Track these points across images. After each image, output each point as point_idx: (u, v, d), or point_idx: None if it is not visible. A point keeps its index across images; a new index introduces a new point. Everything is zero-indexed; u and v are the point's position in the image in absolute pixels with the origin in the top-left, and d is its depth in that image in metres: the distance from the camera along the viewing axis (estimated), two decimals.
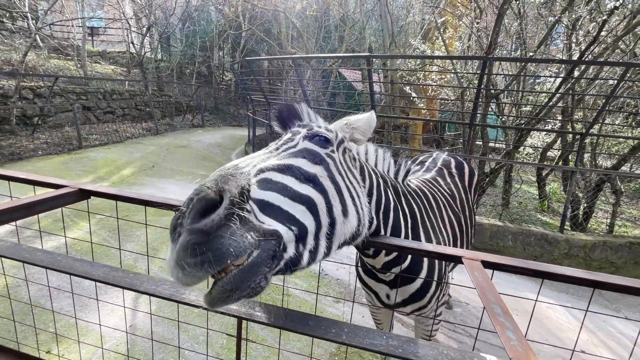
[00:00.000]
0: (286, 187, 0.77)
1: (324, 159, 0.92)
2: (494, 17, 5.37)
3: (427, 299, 1.59)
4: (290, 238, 0.73)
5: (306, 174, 0.84)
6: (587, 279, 1.14)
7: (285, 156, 0.87)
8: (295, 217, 0.75)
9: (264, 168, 0.79)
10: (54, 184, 1.54)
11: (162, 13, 16.38)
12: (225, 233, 0.62)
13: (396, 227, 1.35)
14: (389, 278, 1.50)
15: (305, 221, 0.77)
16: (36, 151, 7.45)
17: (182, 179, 7.05)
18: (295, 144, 0.94)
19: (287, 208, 0.74)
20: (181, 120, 14.50)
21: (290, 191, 0.77)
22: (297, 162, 0.85)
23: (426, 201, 1.75)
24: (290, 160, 0.85)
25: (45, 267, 0.89)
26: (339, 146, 1.05)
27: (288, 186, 0.77)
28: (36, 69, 11.07)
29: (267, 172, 0.78)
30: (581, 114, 6.57)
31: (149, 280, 0.87)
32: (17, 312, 2.57)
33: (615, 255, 4.58)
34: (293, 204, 0.76)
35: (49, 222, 4.18)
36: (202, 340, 2.57)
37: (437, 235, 1.68)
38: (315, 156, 0.91)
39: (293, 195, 0.77)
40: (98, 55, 15.82)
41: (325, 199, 0.84)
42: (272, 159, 0.84)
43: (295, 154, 0.89)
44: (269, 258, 0.67)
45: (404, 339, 0.74)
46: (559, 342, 3.11)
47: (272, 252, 0.68)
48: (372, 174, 1.26)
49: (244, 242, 0.63)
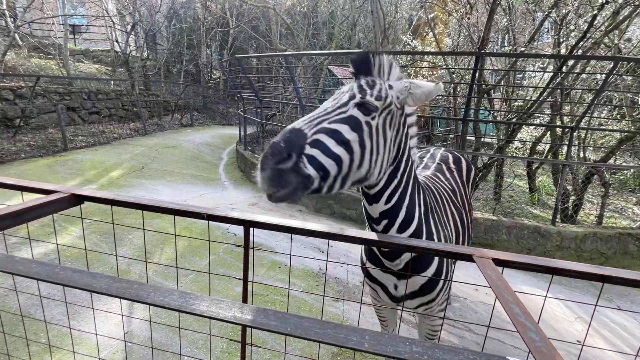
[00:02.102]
0: (327, 148, 1.12)
1: (362, 127, 1.19)
2: (483, 13, 5.40)
3: (437, 292, 1.57)
4: (317, 177, 1.11)
5: (344, 139, 1.15)
6: (596, 273, 1.14)
7: (335, 120, 1.17)
8: (325, 167, 1.12)
9: (318, 129, 1.14)
10: (44, 190, 1.46)
11: (147, 10, 15.99)
12: (289, 172, 1.05)
13: (411, 206, 1.40)
14: (397, 267, 1.47)
15: (330, 169, 1.13)
16: (19, 154, 7.19)
17: (172, 179, 6.91)
18: (346, 109, 1.21)
19: (322, 161, 1.11)
20: (170, 120, 14.23)
21: (328, 150, 1.12)
22: (341, 127, 1.16)
23: (432, 195, 1.74)
24: (336, 125, 1.16)
25: (43, 280, 0.83)
26: (383, 111, 1.25)
27: (328, 147, 1.12)
28: (16, 68, 10.68)
29: (318, 135, 1.12)
30: (568, 108, 6.69)
31: (155, 290, 0.82)
32: (5, 322, 2.46)
33: (605, 246, 4.69)
34: (327, 159, 1.12)
35: (36, 227, 4.04)
36: (202, 345, 2.51)
37: (443, 229, 1.67)
38: (356, 125, 1.18)
39: (329, 153, 1.12)
40: (81, 53, 15.35)
41: (350, 157, 1.17)
42: (326, 121, 1.16)
43: (343, 120, 1.18)
44: (302, 187, 1.09)
45: (427, 345, 0.72)
46: (556, 333, 3.17)
47: (304, 184, 1.09)
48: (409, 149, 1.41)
49: (293, 179, 1.06)
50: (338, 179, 1.17)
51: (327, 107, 1.21)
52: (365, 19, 15.52)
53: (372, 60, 1.27)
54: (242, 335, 1.53)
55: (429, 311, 1.69)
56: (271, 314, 0.78)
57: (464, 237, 2.09)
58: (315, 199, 6.03)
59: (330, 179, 1.14)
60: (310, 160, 1.08)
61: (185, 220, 4.56)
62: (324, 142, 1.11)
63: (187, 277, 3.38)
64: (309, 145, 1.09)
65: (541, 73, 6.60)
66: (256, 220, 1.29)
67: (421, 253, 1.33)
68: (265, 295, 3.22)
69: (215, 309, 0.78)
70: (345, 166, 1.16)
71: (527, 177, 7.20)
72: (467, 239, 2.20)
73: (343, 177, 1.17)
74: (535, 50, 6.68)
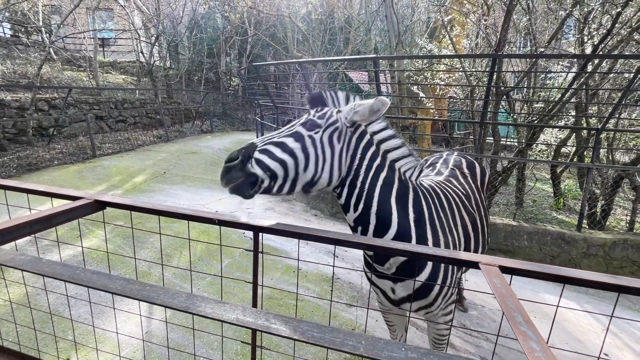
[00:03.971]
0: (272, 154, 1.39)
1: (304, 139, 1.44)
2: (501, 14, 5.29)
3: (433, 296, 1.57)
4: (266, 177, 1.38)
5: (288, 148, 1.41)
6: (611, 283, 1.10)
7: (283, 135, 1.45)
8: (271, 168, 1.38)
9: (267, 142, 1.42)
10: (71, 196, 1.57)
11: (169, 22, 16.68)
12: (236, 170, 1.35)
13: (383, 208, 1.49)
14: (390, 271, 1.55)
15: (277, 171, 1.38)
16: (52, 161, 7.66)
17: (192, 184, 7.13)
18: (293, 128, 1.48)
19: (269, 163, 1.37)
20: (190, 127, 14.71)
21: (274, 156, 1.39)
22: (286, 140, 1.43)
23: (437, 201, 1.73)
24: (283, 138, 1.43)
25: (64, 281, 0.91)
26: (328, 127, 1.47)
27: (274, 153, 1.39)
28: (51, 81, 11.40)
29: (266, 145, 1.41)
30: (595, 108, 6.40)
31: (165, 292, 0.88)
32: (37, 320, 2.63)
33: (637, 253, 4.43)
34: (273, 162, 1.38)
35: (66, 230, 4.28)
36: (217, 346, 2.58)
37: (446, 235, 1.65)
38: (299, 137, 1.44)
39: (275, 158, 1.38)
40: (109, 65, 16.20)
41: (294, 162, 1.40)
42: (275, 137, 1.44)
43: (289, 134, 1.45)
44: (249, 183, 1.37)
45: (423, 351, 0.72)
46: (581, 345, 3.02)
47: (252, 181, 1.37)
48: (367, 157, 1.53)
49: (239, 174, 1.35)
50: (287, 180, 1.41)
51: (280, 130, 1.50)
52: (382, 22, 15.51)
53: (325, 96, 1.57)
54: (252, 338, 1.58)
55: (431, 316, 1.69)
56: (272, 317, 0.82)
57: (477, 243, 2.05)
58: (331, 204, 6.05)
59: (279, 180, 1.39)
60: (258, 162, 1.36)
61: (203, 224, 4.70)
62: (270, 149, 1.39)
63: (205, 280, 3.48)
64: (258, 152, 1.38)
65: (564, 74, 6.36)
66: (265, 226, 1.33)
67: (425, 259, 1.33)
68: (279, 299, 3.27)
69: (220, 311, 0.82)
70: (291, 169, 1.40)
71: (552, 181, 6.92)
72: (482, 244, 2.15)
73: (292, 179, 1.41)
74: (558, 50, 6.45)
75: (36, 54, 12.62)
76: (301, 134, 1.43)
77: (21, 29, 13.30)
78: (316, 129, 1.45)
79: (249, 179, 1.35)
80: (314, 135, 1.44)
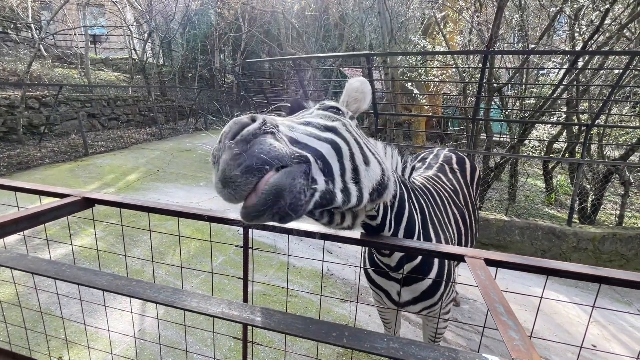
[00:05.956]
0: (309, 132, 0.82)
1: (339, 119, 0.96)
2: (494, 10, 5.31)
3: (438, 296, 1.57)
4: (318, 169, 0.75)
5: (326, 125, 0.88)
6: (592, 274, 1.13)
7: (303, 117, 0.93)
8: (321, 153, 0.78)
9: (287, 123, 0.82)
10: (59, 194, 1.56)
11: (162, 18, 16.48)
12: (264, 139, 0.66)
13: (411, 221, 1.35)
14: (392, 263, 1.46)
15: (330, 160, 0.80)
16: (43, 160, 7.56)
17: (186, 182, 7.10)
18: (310, 112, 1.00)
19: (314, 145, 0.78)
20: (185, 124, 14.60)
21: (314, 134, 0.82)
22: (314, 119, 0.90)
23: (431, 198, 1.74)
24: (309, 118, 0.90)
25: (50, 277, 0.91)
26: (351, 119, 1.09)
27: (311, 131, 0.82)
28: (41, 78, 11.23)
29: (290, 123, 0.82)
30: (586, 104, 6.47)
31: (151, 287, 0.88)
32: (28, 319, 2.61)
33: (625, 247, 4.52)
34: (319, 142, 0.80)
35: (58, 229, 4.24)
36: (210, 343, 2.59)
37: (444, 232, 1.67)
38: (331, 116, 0.95)
39: (317, 137, 0.81)
40: (101, 62, 15.99)
41: (346, 144, 0.88)
42: (292, 120, 0.88)
43: (312, 116, 0.94)
44: (303, 172, 0.69)
45: (405, 341, 0.74)
46: (569, 336, 3.08)
47: (305, 170, 0.70)
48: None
49: (282, 148, 0.67)
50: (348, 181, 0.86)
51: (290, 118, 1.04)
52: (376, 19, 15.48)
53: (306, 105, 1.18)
54: (243, 333, 1.59)
55: (432, 314, 1.69)
56: (257, 310, 0.83)
57: (467, 237, 2.08)
58: None
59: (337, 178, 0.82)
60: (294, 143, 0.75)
61: (198, 222, 4.69)
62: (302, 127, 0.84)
63: (198, 278, 3.48)
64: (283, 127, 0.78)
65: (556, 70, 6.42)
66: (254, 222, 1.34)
67: (414, 253, 1.35)
68: (273, 296, 3.28)
69: (205, 305, 0.83)
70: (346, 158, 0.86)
71: (543, 177, 7.00)
72: (470, 239, 2.18)
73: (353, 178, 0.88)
74: (549, 46, 6.50)
75: (26, 51, 12.41)
76: (331, 115, 0.97)
77: (10, 25, 13.05)
78: (341, 115, 1.02)
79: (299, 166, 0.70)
80: (345, 119, 1.00)
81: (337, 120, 0.94)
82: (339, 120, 0.94)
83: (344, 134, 0.91)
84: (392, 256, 1.36)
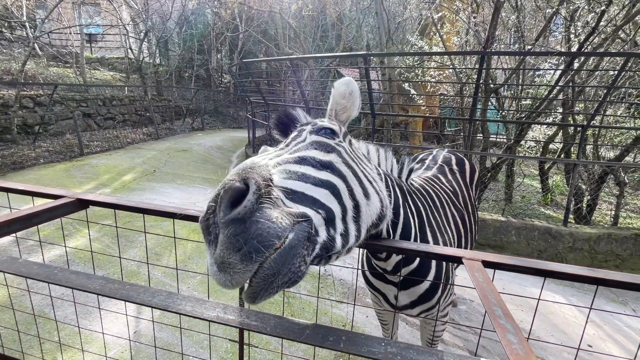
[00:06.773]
0: (305, 175, 0.79)
1: (334, 148, 0.95)
2: (491, 11, 5.33)
3: (436, 299, 1.56)
4: (320, 221, 0.75)
5: (321, 162, 0.86)
6: (589, 276, 1.12)
7: (296, 150, 0.89)
8: (320, 201, 0.77)
9: (280, 162, 0.81)
10: (53, 195, 1.54)
11: (159, 18, 16.40)
12: (261, 217, 0.62)
13: (406, 226, 1.33)
14: (389, 267, 1.45)
15: (330, 204, 0.79)
16: (38, 160, 7.49)
17: (182, 183, 7.06)
18: (303, 139, 0.96)
19: (311, 193, 0.76)
20: (181, 124, 14.54)
21: (310, 178, 0.79)
22: (309, 153, 0.88)
23: (430, 200, 1.73)
24: (302, 152, 0.88)
25: (41, 281, 0.89)
26: (345, 137, 1.08)
27: (307, 174, 0.80)
28: (35, 77, 11.13)
29: (284, 165, 0.80)
30: (582, 105, 6.51)
31: (145, 291, 0.87)
32: (21, 321, 2.58)
33: (620, 247, 4.55)
34: (316, 188, 0.78)
35: (52, 230, 4.20)
36: (207, 345, 2.57)
37: (442, 234, 1.66)
38: (326, 146, 0.94)
39: (314, 181, 0.79)
40: (97, 61, 15.88)
41: (344, 182, 0.88)
42: (285, 155, 0.86)
43: (306, 147, 0.91)
44: (304, 239, 0.68)
45: (402, 346, 0.73)
46: (566, 337, 3.09)
47: (307, 233, 0.68)
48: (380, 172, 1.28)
49: (282, 223, 0.64)
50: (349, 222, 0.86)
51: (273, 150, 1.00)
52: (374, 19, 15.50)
53: (295, 113, 1.19)
54: (240, 336, 1.57)
55: (430, 317, 1.68)
56: (253, 314, 0.81)
57: (466, 239, 2.07)
58: None
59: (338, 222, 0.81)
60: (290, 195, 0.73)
61: (194, 223, 4.66)
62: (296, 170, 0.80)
63: (195, 279, 3.45)
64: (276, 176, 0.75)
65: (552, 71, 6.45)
66: None
67: (411, 255, 1.34)
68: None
69: (200, 309, 0.82)
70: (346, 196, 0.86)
71: (540, 177, 7.03)
72: (470, 241, 2.18)
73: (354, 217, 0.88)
74: (545, 47, 6.54)
75: (20, 50, 12.30)
76: (326, 143, 0.94)
77: (4, 24, 12.93)
78: (336, 138, 1.00)
79: (301, 229, 0.68)
80: (342, 144, 1.00)
81: (332, 151, 0.93)
82: (334, 151, 0.94)
83: (341, 169, 0.90)
84: (388, 260, 1.35)
